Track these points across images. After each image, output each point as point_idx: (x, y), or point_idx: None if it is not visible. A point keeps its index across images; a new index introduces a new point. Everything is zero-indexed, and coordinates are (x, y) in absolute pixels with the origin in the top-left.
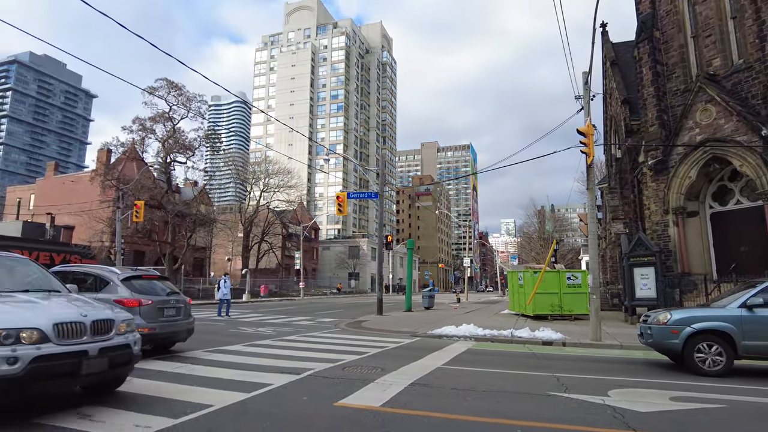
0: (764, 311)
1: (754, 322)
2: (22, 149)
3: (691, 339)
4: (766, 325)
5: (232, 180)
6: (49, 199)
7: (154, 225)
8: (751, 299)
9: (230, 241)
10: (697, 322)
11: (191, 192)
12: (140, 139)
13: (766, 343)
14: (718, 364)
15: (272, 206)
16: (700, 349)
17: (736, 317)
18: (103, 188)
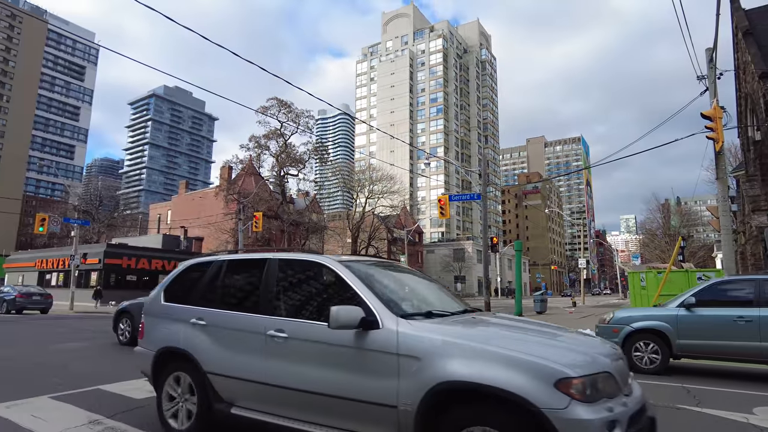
0: (699, 311)
1: (689, 321)
2: (161, 171)
3: (629, 338)
4: (699, 324)
5: (339, 189)
6: (182, 213)
7: (272, 234)
8: (687, 299)
9: (340, 246)
10: (636, 322)
11: (303, 202)
12: (256, 156)
13: (698, 342)
14: (654, 362)
15: (377, 212)
16: (637, 347)
17: (672, 317)
18: (226, 202)
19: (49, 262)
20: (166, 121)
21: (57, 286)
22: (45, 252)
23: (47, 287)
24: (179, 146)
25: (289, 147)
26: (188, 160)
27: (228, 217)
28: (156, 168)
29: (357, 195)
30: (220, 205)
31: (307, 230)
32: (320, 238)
